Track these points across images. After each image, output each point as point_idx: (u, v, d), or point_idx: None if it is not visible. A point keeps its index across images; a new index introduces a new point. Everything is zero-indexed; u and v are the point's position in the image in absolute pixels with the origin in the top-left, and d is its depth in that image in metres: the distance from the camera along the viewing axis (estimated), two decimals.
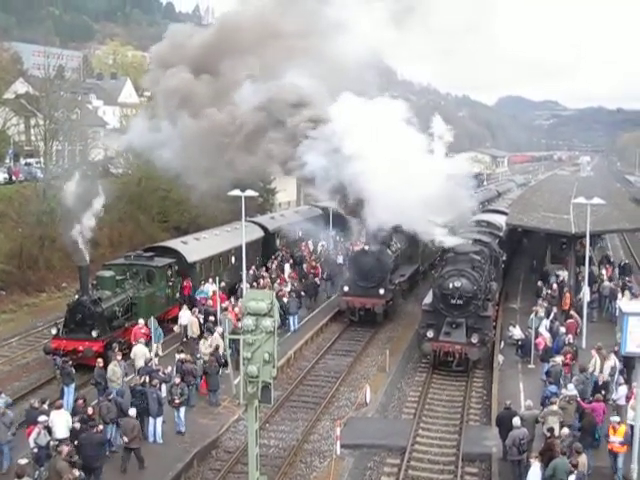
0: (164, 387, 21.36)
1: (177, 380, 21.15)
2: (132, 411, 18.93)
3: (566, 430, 17.73)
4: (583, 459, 16.38)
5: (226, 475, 18.93)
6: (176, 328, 25.58)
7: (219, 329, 25.46)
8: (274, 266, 38.19)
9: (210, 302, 29.74)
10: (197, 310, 28.44)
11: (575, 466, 15.83)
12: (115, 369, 21.83)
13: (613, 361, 22.26)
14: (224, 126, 32.58)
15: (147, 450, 19.54)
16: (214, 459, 20.08)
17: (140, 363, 22.76)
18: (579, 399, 19.39)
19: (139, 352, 23.38)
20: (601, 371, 22.27)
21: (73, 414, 18.72)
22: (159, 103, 36.87)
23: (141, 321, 25.60)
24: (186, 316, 27.77)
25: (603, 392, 20.42)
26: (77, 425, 17.97)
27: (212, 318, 27.50)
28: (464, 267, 27.25)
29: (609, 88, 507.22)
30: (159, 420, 20.14)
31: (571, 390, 19.54)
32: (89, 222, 25.33)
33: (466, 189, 30.02)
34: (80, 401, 19.10)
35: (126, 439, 18.34)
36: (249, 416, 14.00)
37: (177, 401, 20.62)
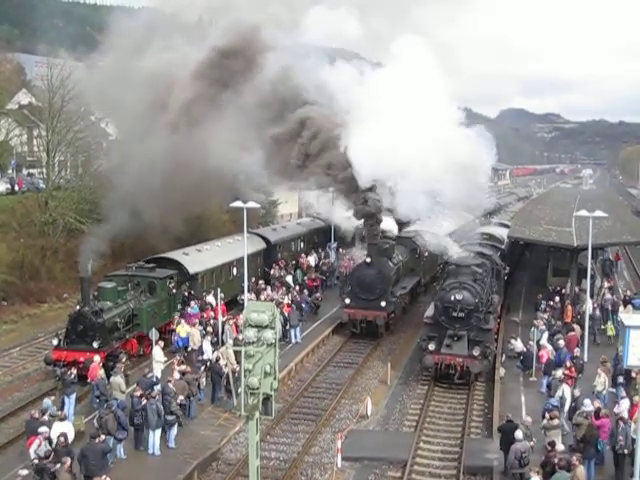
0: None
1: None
2: (203, 382, 23.05)
3: (561, 446, 17.66)
4: (581, 470, 16.37)
5: None
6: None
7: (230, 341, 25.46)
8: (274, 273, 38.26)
9: (212, 314, 29.70)
10: (197, 321, 28.40)
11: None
12: (119, 381, 21.78)
13: (578, 390, 21.38)
14: None
15: (146, 462, 19.51)
16: (215, 471, 20.00)
17: (116, 394, 21.56)
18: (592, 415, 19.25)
19: (114, 384, 21.97)
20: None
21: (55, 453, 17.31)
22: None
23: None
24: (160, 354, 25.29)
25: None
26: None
27: (210, 329, 27.47)
28: (466, 280, 27.24)
29: (611, 101, 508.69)
30: (157, 432, 20.00)
31: (588, 406, 19.38)
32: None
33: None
34: (61, 439, 17.35)
35: (182, 397, 21.12)
36: (250, 428, 13.95)
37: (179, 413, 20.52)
